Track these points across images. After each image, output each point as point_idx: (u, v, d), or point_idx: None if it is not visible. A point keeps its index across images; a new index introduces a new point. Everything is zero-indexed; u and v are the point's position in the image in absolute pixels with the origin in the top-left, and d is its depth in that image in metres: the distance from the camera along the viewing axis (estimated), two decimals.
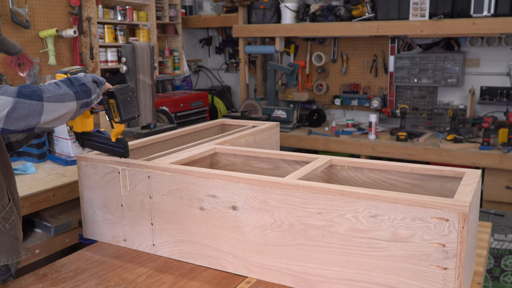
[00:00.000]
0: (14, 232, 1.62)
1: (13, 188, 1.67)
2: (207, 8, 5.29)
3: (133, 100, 1.65)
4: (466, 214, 1.25)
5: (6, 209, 1.59)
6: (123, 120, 1.64)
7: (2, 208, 1.58)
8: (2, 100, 1.26)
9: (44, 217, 2.59)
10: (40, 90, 1.33)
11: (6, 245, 1.58)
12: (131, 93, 1.65)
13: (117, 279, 1.61)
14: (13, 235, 1.62)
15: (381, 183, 1.78)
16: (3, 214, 1.58)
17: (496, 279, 3.20)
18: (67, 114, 1.39)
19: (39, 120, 1.31)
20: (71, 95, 1.38)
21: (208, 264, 1.68)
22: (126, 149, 1.73)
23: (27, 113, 1.28)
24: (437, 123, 4.42)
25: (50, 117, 1.33)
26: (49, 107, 1.32)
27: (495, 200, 3.67)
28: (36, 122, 1.31)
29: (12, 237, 1.61)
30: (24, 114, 1.28)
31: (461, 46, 4.33)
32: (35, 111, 1.30)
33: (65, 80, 1.43)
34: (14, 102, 1.26)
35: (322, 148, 4.30)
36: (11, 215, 1.61)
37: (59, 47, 3.80)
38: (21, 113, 1.28)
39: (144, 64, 3.53)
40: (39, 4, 3.62)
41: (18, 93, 1.28)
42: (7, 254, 1.59)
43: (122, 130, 1.70)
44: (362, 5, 4.36)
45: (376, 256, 1.39)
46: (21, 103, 1.27)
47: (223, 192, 1.59)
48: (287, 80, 4.61)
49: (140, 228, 1.80)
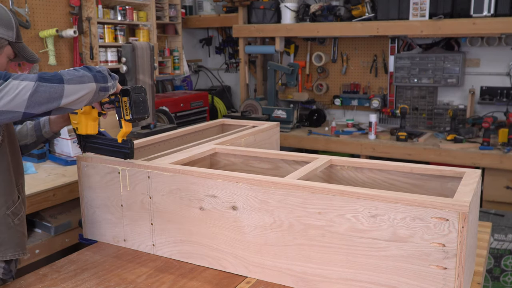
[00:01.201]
0: (22, 228, 1.65)
1: (21, 187, 1.69)
2: (207, 8, 5.29)
3: (145, 101, 1.67)
4: (466, 214, 1.25)
5: (16, 205, 1.62)
6: (133, 119, 1.65)
7: (12, 203, 1.60)
8: (23, 84, 1.28)
9: (44, 217, 2.59)
10: (59, 74, 1.36)
11: (14, 240, 1.61)
12: (144, 94, 1.66)
13: (117, 279, 1.61)
14: (21, 231, 1.65)
15: (381, 183, 1.78)
16: (13, 209, 1.60)
17: (496, 279, 3.20)
18: (87, 95, 1.42)
19: (60, 102, 1.34)
20: (90, 77, 1.42)
21: (208, 264, 1.69)
22: (132, 150, 1.73)
23: (48, 96, 1.31)
24: (437, 123, 4.42)
25: (70, 99, 1.36)
26: (69, 89, 1.35)
27: (495, 200, 3.67)
28: (57, 104, 1.34)
29: (20, 233, 1.64)
30: (46, 97, 1.31)
31: (461, 46, 4.33)
32: (56, 94, 1.32)
33: (82, 67, 1.47)
34: (35, 86, 1.28)
35: (322, 148, 4.30)
36: (20, 211, 1.64)
37: (59, 47, 3.80)
38: (43, 96, 1.30)
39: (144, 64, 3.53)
40: (39, 4, 3.62)
41: (39, 77, 1.31)
42: (14, 249, 1.61)
43: (130, 131, 1.70)
44: (362, 5, 4.36)
45: (376, 256, 1.39)
46: (42, 86, 1.30)
47: (223, 192, 1.59)
48: (287, 80, 4.61)
49: (140, 228, 1.80)
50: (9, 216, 1.59)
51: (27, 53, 1.63)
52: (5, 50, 1.55)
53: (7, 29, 1.52)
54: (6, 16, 1.53)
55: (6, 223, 1.58)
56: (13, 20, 1.55)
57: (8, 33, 1.53)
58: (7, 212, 1.58)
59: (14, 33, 1.55)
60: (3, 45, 1.53)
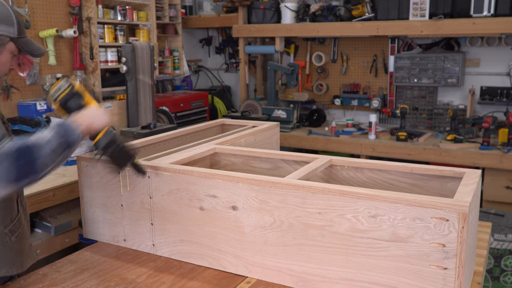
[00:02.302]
0: (19, 244, 1.62)
1: (21, 195, 1.67)
2: (207, 8, 5.29)
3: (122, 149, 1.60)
4: (466, 214, 1.25)
5: (14, 222, 1.59)
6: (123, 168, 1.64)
7: (10, 221, 1.58)
8: None
9: (44, 217, 2.59)
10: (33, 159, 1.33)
11: (9, 258, 1.58)
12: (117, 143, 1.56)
13: (117, 279, 1.61)
14: (18, 248, 1.62)
15: (381, 183, 1.78)
16: (11, 226, 1.58)
17: (496, 279, 3.20)
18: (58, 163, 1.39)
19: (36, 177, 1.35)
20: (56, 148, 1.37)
21: (208, 264, 1.68)
22: None
23: None
24: (437, 123, 4.42)
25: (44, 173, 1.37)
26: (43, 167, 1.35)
27: (495, 200, 3.67)
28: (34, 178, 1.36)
29: (16, 250, 1.61)
30: None
31: (461, 46, 4.33)
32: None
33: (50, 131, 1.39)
34: None
35: (322, 148, 4.30)
36: (19, 227, 1.62)
37: (59, 47, 3.80)
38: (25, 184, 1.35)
39: (144, 64, 3.53)
40: (39, 4, 3.62)
41: None
42: (9, 267, 1.59)
43: None
44: (362, 5, 4.35)
45: (376, 256, 1.39)
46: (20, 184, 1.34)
47: (223, 192, 1.59)
48: (287, 80, 4.61)
49: (140, 228, 1.80)
50: (6, 234, 1.57)
51: (32, 47, 1.60)
52: (7, 47, 1.52)
53: (7, 26, 1.50)
54: (6, 12, 1.50)
55: (3, 242, 1.56)
56: (14, 16, 1.53)
57: (9, 29, 1.50)
58: (5, 230, 1.56)
59: (16, 28, 1.52)
60: (4, 42, 1.51)
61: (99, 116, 1.53)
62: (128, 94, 3.48)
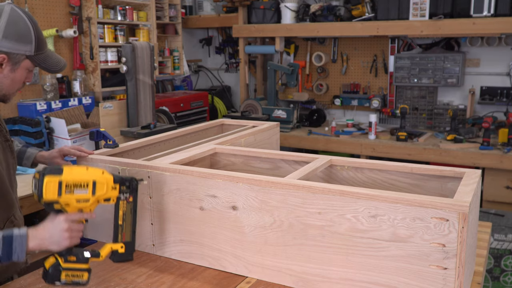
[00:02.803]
0: None
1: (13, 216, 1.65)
2: (207, 8, 5.29)
3: None
4: (466, 214, 1.25)
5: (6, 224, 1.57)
6: None
7: None
8: None
9: (44, 217, 2.58)
10: None
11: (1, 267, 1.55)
12: None
13: (117, 279, 1.61)
14: None
15: (381, 183, 1.78)
16: None
17: (496, 279, 3.20)
18: None
19: None
20: None
21: (208, 264, 1.68)
22: None
23: None
24: (437, 123, 4.42)
25: None
26: None
27: (495, 200, 3.67)
28: None
29: None
30: None
31: (461, 46, 4.33)
32: None
33: None
34: None
35: (322, 148, 4.30)
36: None
37: (59, 47, 3.80)
38: None
39: (144, 64, 3.53)
40: (39, 4, 3.62)
41: None
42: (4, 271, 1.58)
43: None
44: (362, 5, 4.36)
45: (376, 256, 1.39)
46: None
47: (223, 192, 1.59)
48: (287, 80, 4.61)
49: (140, 228, 1.80)
50: None
51: (50, 62, 1.57)
52: (22, 65, 1.50)
53: (24, 44, 1.47)
54: (24, 29, 1.47)
55: None
56: (33, 32, 1.49)
57: (26, 47, 1.47)
58: None
59: (33, 45, 1.49)
60: (19, 60, 1.49)
61: (57, 240, 1.46)
62: (128, 94, 3.48)
